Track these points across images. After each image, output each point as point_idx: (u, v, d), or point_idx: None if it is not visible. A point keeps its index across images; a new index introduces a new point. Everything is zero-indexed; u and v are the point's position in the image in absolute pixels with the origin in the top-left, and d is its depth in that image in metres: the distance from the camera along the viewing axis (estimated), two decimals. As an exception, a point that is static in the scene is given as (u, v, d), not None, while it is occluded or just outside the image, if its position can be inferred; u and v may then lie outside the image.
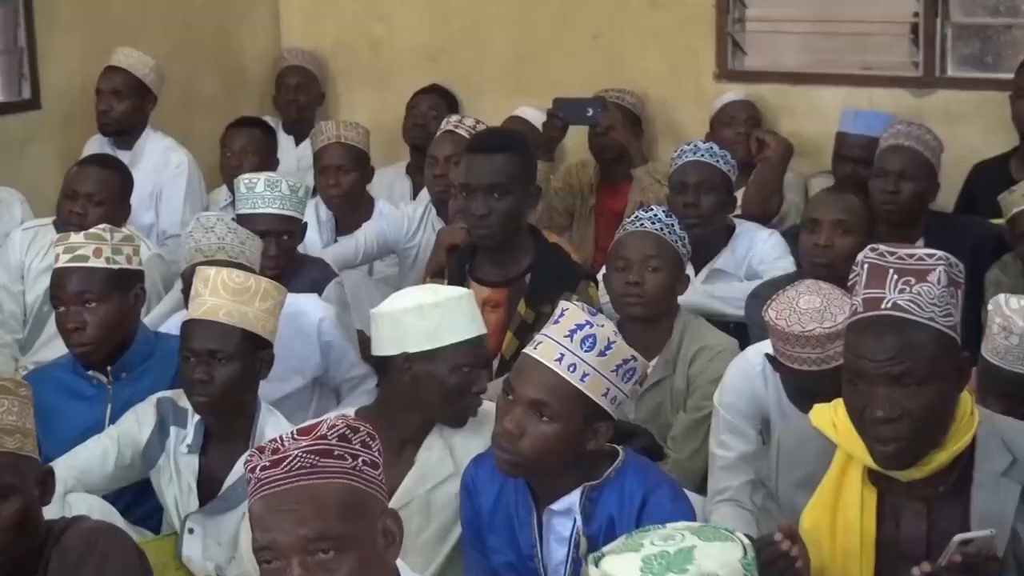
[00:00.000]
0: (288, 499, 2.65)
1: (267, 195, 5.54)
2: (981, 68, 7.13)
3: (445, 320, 3.96)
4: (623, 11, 7.46)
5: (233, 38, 8.17)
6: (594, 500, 3.55)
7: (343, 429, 2.71)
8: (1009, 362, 4.02)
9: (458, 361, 3.94)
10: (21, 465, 3.22)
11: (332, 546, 2.64)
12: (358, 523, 2.69)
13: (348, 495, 2.68)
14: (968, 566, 3.04)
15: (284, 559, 2.64)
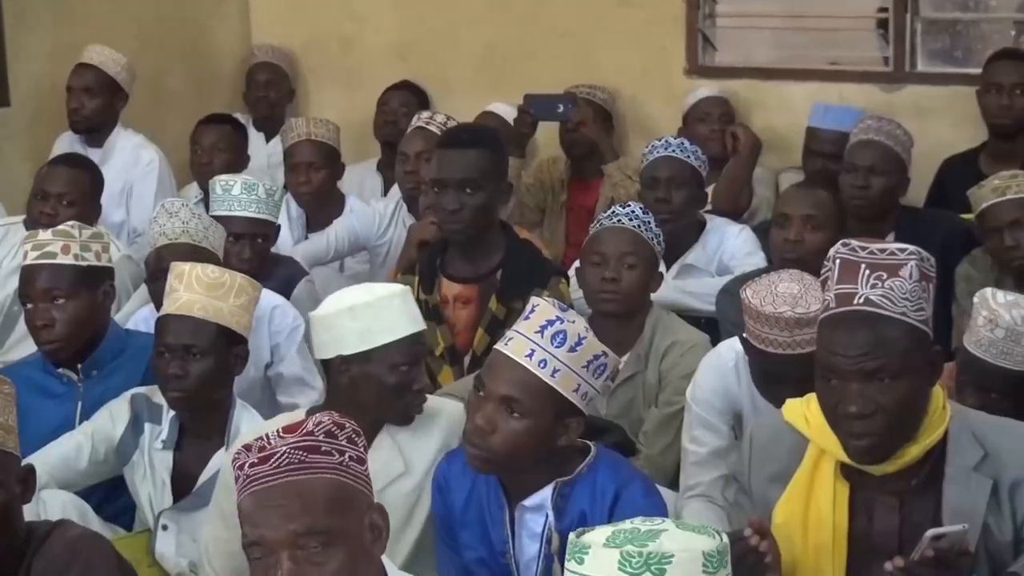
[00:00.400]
0: (276, 495, 2.67)
1: (243, 198, 5.55)
2: (951, 63, 7.16)
3: (378, 320, 3.91)
4: (593, 8, 7.46)
5: (203, 35, 8.15)
6: (566, 496, 3.55)
7: (329, 425, 2.74)
8: (993, 355, 4.05)
9: (394, 360, 3.89)
10: (4, 462, 3.20)
11: (321, 541, 2.67)
12: (346, 518, 2.71)
13: (336, 490, 2.71)
14: (941, 561, 3.05)
15: (273, 554, 2.67)
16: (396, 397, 3.93)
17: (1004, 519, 3.32)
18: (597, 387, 3.55)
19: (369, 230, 6.36)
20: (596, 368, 3.50)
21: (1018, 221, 5.20)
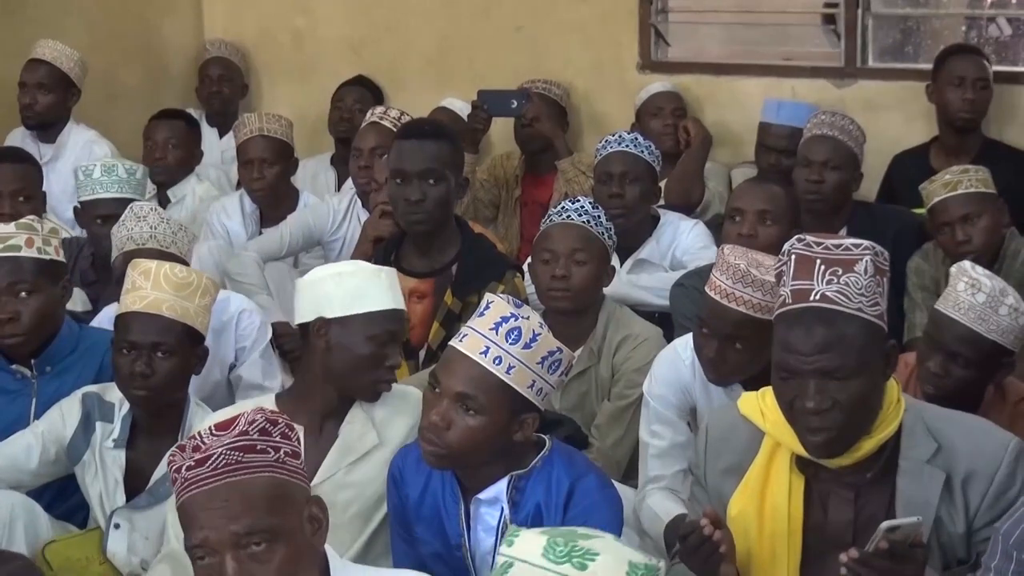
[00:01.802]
0: (217, 496, 2.70)
1: (104, 180, 5.63)
2: (902, 59, 7.19)
3: (362, 289, 3.95)
4: (546, 3, 7.47)
5: (155, 30, 8.12)
6: (521, 489, 3.56)
7: (263, 423, 2.77)
8: (970, 319, 4.08)
9: (372, 331, 3.91)
10: None
11: (263, 538, 2.70)
12: (286, 514, 2.75)
13: (274, 488, 2.75)
14: (894, 553, 3.06)
15: (217, 555, 2.70)
16: (368, 369, 3.93)
17: (956, 511, 3.35)
18: (552, 383, 3.55)
19: (323, 225, 6.34)
20: (551, 364, 3.51)
21: (969, 216, 5.23)
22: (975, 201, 5.25)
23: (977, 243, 5.17)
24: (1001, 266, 5.15)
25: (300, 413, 3.92)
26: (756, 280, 4.04)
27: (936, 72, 6.49)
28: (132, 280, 4.28)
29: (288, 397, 4.13)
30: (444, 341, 4.95)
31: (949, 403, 3.68)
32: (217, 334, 4.88)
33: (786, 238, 4.51)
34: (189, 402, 4.35)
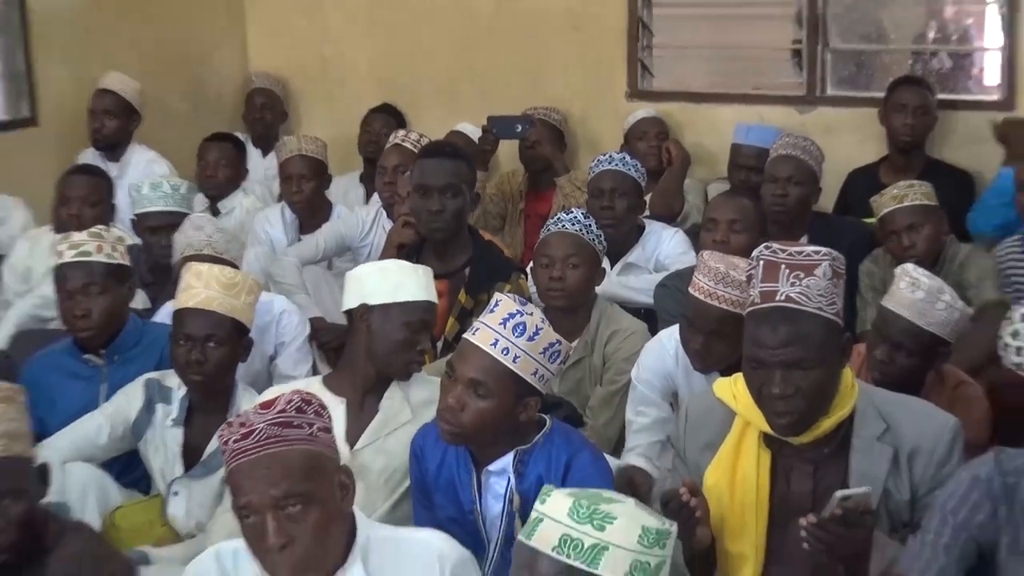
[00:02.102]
0: (259, 465, 2.76)
1: (151, 195, 5.67)
2: (856, 88, 7.17)
3: (401, 282, 4.03)
4: (546, 39, 7.46)
5: (206, 63, 8.12)
6: (525, 462, 3.56)
7: (299, 403, 2.84)
8: (911, 313, 4.11)
9: (408, 318, 3.98)
10: (26, 468, 3.21)
11: (299, 501, 2.76)
12: (318, 480, 2.81)
13: (309, 458, 2.81)
14: (847, 519, 3.07)
15: (259, 515, 2.75)
16: (402, 351, 3.99)
17: (902, 482, 3.36)
18: (552, 370, 3.57)
19: (353, 233, 6.35)
20: (551, 354, 3.52)
21: (913, 225, 5.23)
22: (919, 212, 5.25)
23: (921, 249, 5.17)
24: (941, 268, 5.15)
25: (345, 390, 4.04)
26: (734, 280, 4.07)
27: (885, 100, 6.50)
28: (187, 281, 4.30)
29: (335, 377, 4.17)
30: (458, 334, 4.95)
31: (895, 387, 3.70)
32: (261, 331, 4.90)
33: (754, 244, 4.56)
34: (237, 386, 4.37)
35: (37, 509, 3.23)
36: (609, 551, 2.43)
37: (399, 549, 2.97)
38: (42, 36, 7.15)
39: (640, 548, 2.44)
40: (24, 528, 3.14)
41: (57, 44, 7.21)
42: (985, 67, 6.93)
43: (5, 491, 3.12)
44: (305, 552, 2.79)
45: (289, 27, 8.18)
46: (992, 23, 6.69)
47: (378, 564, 2.93)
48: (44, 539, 3.20)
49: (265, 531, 2.75)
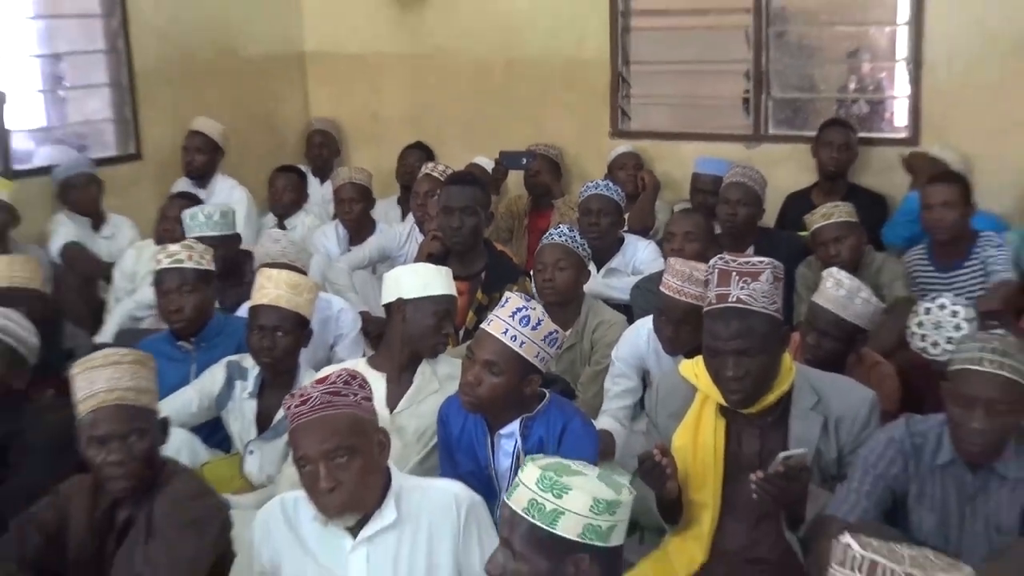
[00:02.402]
0: (314, 425, 2.84)
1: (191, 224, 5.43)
2: (792, 128, 7.15)
3: (429, 280, 4.07)
4: (546, 90, 7.43)
5: (276, 111, 8.11)
6: (529, 427, 3.56)
7: (346, 377, 2.93)
8: (835, 307, 4.12)
9: (435, 308, 4.02)
10: (150, 416, 3.20)
11: (345, 453, 2.83)
12: (361, 437, 2.88)
13: (353, 420, 2.88)
14: (788, 474, 3.07)
15: (313, 465, 2.83)
16: (431, 335, 4.03)
17: (830, 444, 3.36)
18: (551, 353, 3.57)
19: (392, 245, 6.35)
20: (550, 340, 3.52)
21: (839, 238, 5.21)
22: (843, 227, 5.22)
23: (844, 257, 5.14)
24: (861, 272, 5.10)
25: (385, 367, 4.08)
26: (696, 280, 4.09)
27: (816, 138, 6.48)
28: (260, 283, 4.30)
29: (376, 357, 4.19)
30: (476, 324, 4.95)
31: (823, 367, 3.69)
32: (323, 325, 4.91)
33: (704, 251, 4.72)
34: (300, 367, 4.34)
35: (156, 452, 3.22)
36: (565, 515, 2.40)
37: (424, 494, 3.01)
38: (145, 90, 7.16)
39: (591, 515, 2.41)
40: (145, 463, 3.14)
41: (157, 96, 7.21)
42: (895, 112, 6.91)
43: (132, 430, 3.12)
44: (349, 494, 2.84)
45: (342, 83, 8.15)
46: (901, 77, 6.67)
47: (407, 506, 2.98)
48: (159, 477, 3.19)
49: (318, 477, 2.82)
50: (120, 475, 3.11)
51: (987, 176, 6.08)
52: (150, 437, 3.16)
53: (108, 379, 3.14)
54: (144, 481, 3.15)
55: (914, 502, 3.23)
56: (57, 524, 3.19)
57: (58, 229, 6.31)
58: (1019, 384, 3.05)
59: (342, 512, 2.87)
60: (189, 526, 3.08)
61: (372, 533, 2.94)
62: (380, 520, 2.94)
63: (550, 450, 3.49)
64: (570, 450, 3.43)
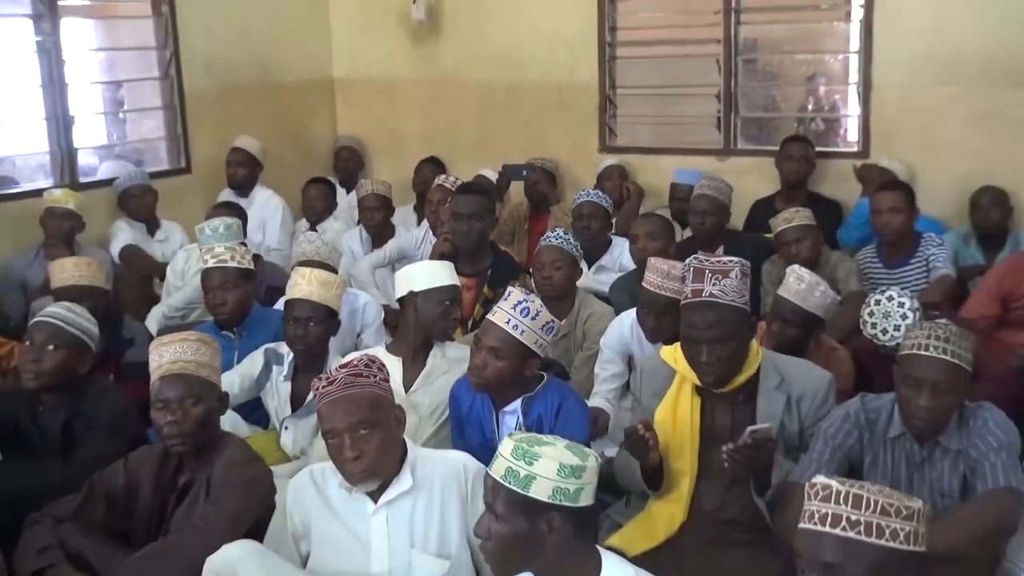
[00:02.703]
0: (339, 402, 2.86)
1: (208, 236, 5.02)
2: (758, 143, 7.13)
3: (436, 274, 4.07)
4: (543, 111, 7.39)
5: (307, 129, 8.07)
6: (530, 405, 3.55)
7: (367, 361, 2.95)
8: (796, 299, 4.08)
9: (442, 297, 4.01)
10: (208, 386, 3.20)
11: (366, 427, 2.84)
12: (380, 413, 2.88)
13: (373, 398, 2.89)
14: (756, 445, 3.05)
15: (339, 437, 2.84)
16: (440, 320, 4.02)
17: (793, 419, 3.35)
18: (548, 341, 3.55)
19: (409, 246, 6.34)
20: (548, 329, 3.51)
21: (799, 239, 5.18)
22: (803, 230, 5.19)
23: (804, 255, 5.11)
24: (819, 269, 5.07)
25: (401, 351, 4.06)
26: (674, 277, 4.07)
27: (779, 152, 6.44)
28: (295, 280, 4.27)
29: (393, 344, 4.17)
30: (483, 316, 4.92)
31: (786, 352, 3.68)
32: (350, 316, 4.89)
33: (665, 249, 4.69)
34: (329, 353, 4.30)
35: (213, 420, 3.20)
36: (537, 480, 2.39)
37: (436, 464, 3.01)
38: (194, 110, 7.13)
39: (559, 478, 2.39)
40: (199, 427, 3.13)
41: (204, 117, 7.18)
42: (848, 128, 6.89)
43: (188, 395, 3.13)
44: (371, 462, 2.85)
45: (366, 105, 8.11)
46: (852, 99, 6.64)
47: (422, 474, 2.98)
48: (214, 442, 3.19)
49: (344, 447, 2.84)
50: (176, 434, 3.11)
51: (928, 184, 6.05)
52: (205, 404, 3.15)
53: (173, 353, 3.18)
54: (200, 445, 3.15)
55: (868, 470, 3.20)
56: (125, 487, 3.19)
57: (118, 234, 6.30)
58: (961, 367, 3.04)
59: (365, 479, 2.87)
60: (241, 485, 3.07)
61: (391, 498, 2.94)
62: (398, 487, 2.94)
63: (547, 426, 3.48)
64: (565, 425, 3.41)
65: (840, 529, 2.02)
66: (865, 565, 2.00)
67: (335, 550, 2.97)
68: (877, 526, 1.99)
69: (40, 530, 3.07)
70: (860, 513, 2.01)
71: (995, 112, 6.04)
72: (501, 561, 2.47)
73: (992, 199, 5.81)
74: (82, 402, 3.77)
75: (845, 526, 2.02)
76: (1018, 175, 5.92)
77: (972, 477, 3.06)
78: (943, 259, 5.23)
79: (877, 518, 2.00)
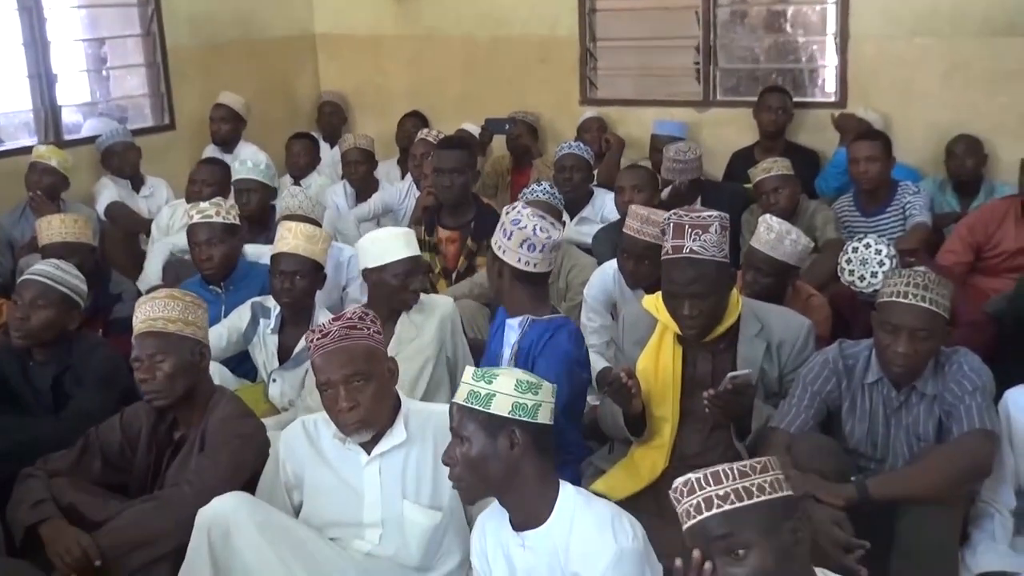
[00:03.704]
0: (334, 354, 2.85)
1: (239, 168, 5.45)
2: (737, 95, 7.06)
3: (387, 247, 3.92)
4: (524, 65, 7.32)
5: (291, 85, 7.98)
6: (531, 327, 3.47)
7: (360, 314, 2.94)
8: (767, 248, 4.04)
9: (396, 271, 3.89)
10: (178, 340, 3.13)
11: (361, 379, 2.84)
12: (374, 365, 2.88)
13: (367, 350, 2.88)
14: (736, 391, 3.05)
15: (334, 388, 2.83)
16: (397, 294, 3.90)
17: (773, 365, 3.36)
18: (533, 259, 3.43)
19: (393, 200, 6.31)
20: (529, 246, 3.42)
21: (777, 188, 5.16)
22: (781, 179, 5.17)
23: (782, 204, 5.09)
24: (798, 218, 5.09)
25: None
26: (653, 222, 4.05)
27: (757, 103, 6.41)
28: (281, 234, 4.22)
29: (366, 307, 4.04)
30: (467, 268, 4.93)
31: (761, 299, 3.65)
32: (335, 269, 4.85)
33: (650, 199, 4.60)
34: (316, 306, 4.27)
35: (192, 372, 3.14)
36: (496, 396, 2.49)
37: (428, 418, 3.00)
38: (177, 67, 7.04)
39: (517, 393, 2.50)
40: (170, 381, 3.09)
41: (187, 74, 7.10)
42: (825, 79, 6.83)
43: (157, 351, 3.09)
44: (366, 412, 2.85)
45: (349, 61, 8.02)
46: (830, 49, 6.59)
47: (414, 427, 2.97)
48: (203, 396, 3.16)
49: (339, 398, 2.83)
50: (150, 390, 3.10)
51: (904, 133, 6.04)
52: (175, 359, 3.10)
53: (144, 312, 3.16)
54: (181, 398, 3.12)
55: (846, 415, 3.22)
56: (121, 443, 3.18)
57: (103, 191, 6.23)
58: (938, 314, 3.05)
59: (359, 429, 2.87)
60: (235, 440, 3.06)
61: (384, 450, 2.93)
62: (391, 439, 2.94)
63: (533, 353, 3.44)
64: (550, 351, 3.38)
65: (716, 508, 2.06)
66: (753, 527, 2.04)
67: (328, 500, 2.97)
68: (745, 489, 2.06)
69: (34, 484, 3.06)
70: (724, 486, 2.07)
71: (970, 63, 6.02)
72: (468, 486, 2.56)
73: (967, 147, 5.81)
74: (72, 358, 3.75)
75: (718, 503, 2.06)
76: (992, 124, 5.92)
77: (947, 420, 3.08)
78: (919, 207, 5.23)
79: (740, 483, 2.07)
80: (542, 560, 2.53)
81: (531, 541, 2.55)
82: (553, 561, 2.51)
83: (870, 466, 3.19)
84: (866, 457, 3.20)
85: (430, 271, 5.02)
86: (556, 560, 2.51)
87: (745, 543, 2.04)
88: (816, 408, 3.19)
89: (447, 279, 5.02)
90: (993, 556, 3.02)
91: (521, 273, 3.43)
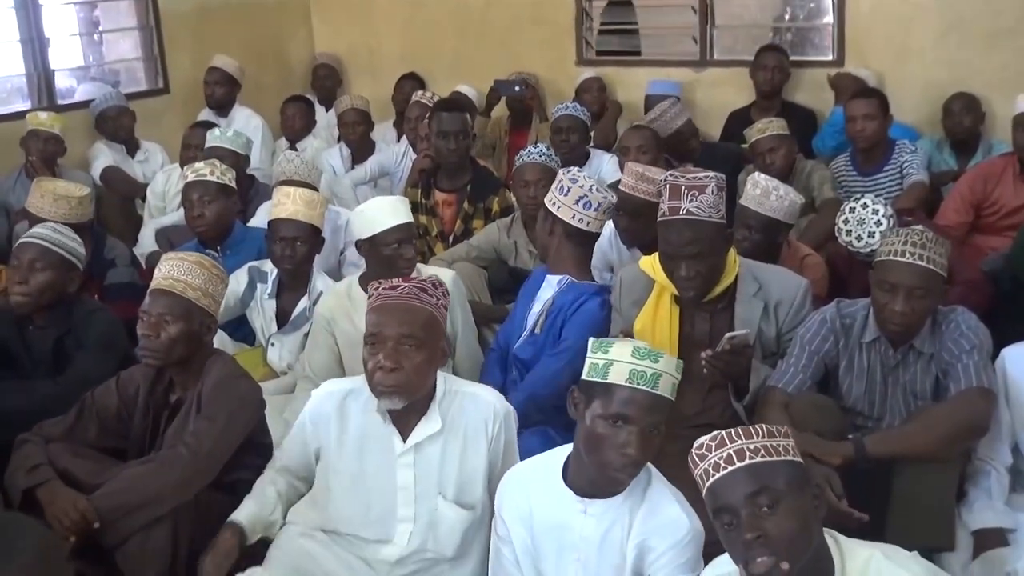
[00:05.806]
0: (397, 309, 2.72)
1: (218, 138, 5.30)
2: (734, 54, 7.03)
3: (376, 217, 3.82)
4: (520, 26, 7.27)
5: (285, 47, 7.92)
6: (567, 289, 3.53)
7: (434, 281, 2.80)
8: (754, 205, 3.98)
9: (387, 240, 3.79)
10: (190, 306, 3.10)
11: (414, 343, 2.71)
12: (430, 335, 2.73)
13: (429, 318, 2.74)
14: (734, 351, 3.05)
15: (383, 343, 2.69)
16: (390, 262, 3.79)
17: (770, 325, 3.35)
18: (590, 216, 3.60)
19: (389, 162, 6.28)
20: (584, 204, 3.58)
21: (773, 148, 5.11)
22: (777, 139, 5.13)
23: (779, 164, 5.06)
24: (795, 177, 5.07)
25: None
26: (648, 179, 3.99)
27: (754, 62, 6.36)
28: (279, 199, 4.20)
29: (363, 278, 3.93)
30: (464, 231, 4.91)
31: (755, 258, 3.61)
32: (333, 233, 4.83)
33: (655, 160, 4.56)
34: (314, 271, 4.26)
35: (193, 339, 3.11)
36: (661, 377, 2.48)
37: (464, 404, 2.85)
38: (170, 30, 6.99)
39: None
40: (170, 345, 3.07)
41: (181, 36, 7.05)
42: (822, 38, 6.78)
43: (168, 313, 3.06)
44: (405, 378, 2.69)
45: (343, 22, 7.96)
46: (827, 8, 6.54)
47: (451, 414, 2.83)
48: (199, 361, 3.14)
49: (383, 354, 2.68)
50: (147, 347, 3.08)
51: (901, 92, 6.00)
52: (183, 326, 3.07)
53: (168, 269, 3.14)
54: (176, 363, 3.11)
55: (844, 374, 3.22)
56: (117, 407, 3.17)
57: (98, 156, 6.20)
58: (936, 273, 3.04)
59: (392, 393, 2.69)
60: (231, 401, 3.04)
61: (419, 440, 2.80)
62: (426, 427, 2.79)
63: (565, 313, 3.51)
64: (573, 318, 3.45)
65: (748, 459, 2.07)
66: (783, 482, 2.06)
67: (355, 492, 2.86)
68: (772, 447, 2.09)
69: (31, 449, 3.05)
70: (755, 441, 2.09)
71: (967, 20, 5.98)
72: None
73: (964, 105, 5.78)
74: (71, 321, 3.73)
75: (750, 455, 2.07)
76: (989, 82, 5.88)
77: (944, 379, 3.08)
78: (916, 166, 5.21)
79: (768, 441, 2.10)
80: (602, 528, 2.50)
81: (596, 509, 2.50)
82: (614, 531, 2.49)
83: (867, 425, 3.19)
84: (863, 416, 3.21)
85: (426, 235, 5.00)
86: (619, 530, 2.49)
87: (775, 497, 2.04)
88: (814, 367, 3.19)
89: (444, 242, 5.00)
90: (990, 513, 3.03)
91: (573, 230, 3.49)
